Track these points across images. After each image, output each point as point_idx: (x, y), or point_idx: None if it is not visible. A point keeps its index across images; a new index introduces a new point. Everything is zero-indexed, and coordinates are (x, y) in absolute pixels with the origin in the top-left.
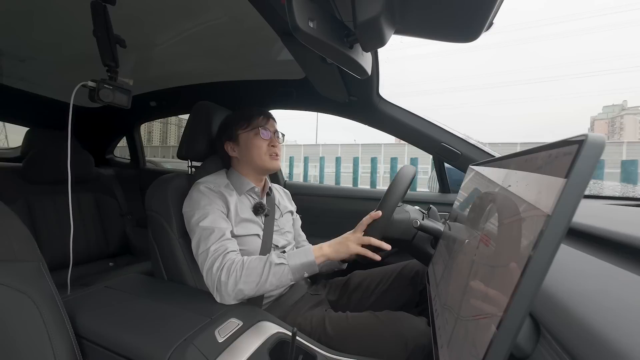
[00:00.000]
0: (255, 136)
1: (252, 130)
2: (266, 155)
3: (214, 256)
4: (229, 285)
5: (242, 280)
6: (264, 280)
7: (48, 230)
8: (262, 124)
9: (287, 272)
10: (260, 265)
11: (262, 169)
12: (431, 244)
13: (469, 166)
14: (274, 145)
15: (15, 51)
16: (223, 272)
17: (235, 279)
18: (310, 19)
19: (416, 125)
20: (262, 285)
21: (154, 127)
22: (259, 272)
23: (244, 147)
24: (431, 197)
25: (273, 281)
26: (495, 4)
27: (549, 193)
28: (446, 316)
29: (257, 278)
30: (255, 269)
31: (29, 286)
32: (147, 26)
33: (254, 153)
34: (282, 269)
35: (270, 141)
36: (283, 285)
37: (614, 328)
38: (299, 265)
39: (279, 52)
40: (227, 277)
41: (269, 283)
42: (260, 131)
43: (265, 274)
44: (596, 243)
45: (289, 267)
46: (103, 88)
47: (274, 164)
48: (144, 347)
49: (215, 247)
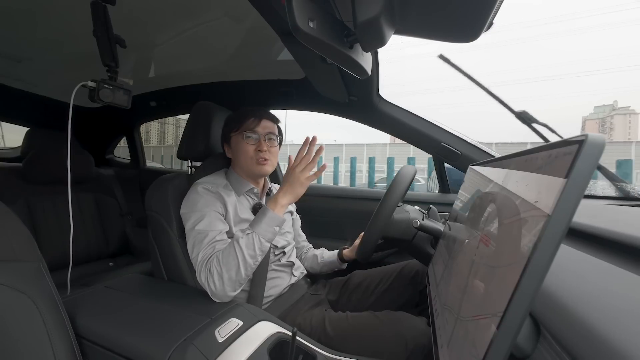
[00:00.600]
0: (242, 140)
1: (239, 134)
2: (252, 160)
3: (202, 264)
4: (217, 284)
5: (224, 270)
6: (241, 257)
7: (48, 230)
8: (252, 127)
9: (257, 237)
10: (231, 249)
11: (249, 173)
12: (431, 244)
13: (469, 166)
14: (261, 150)
15: (15, 51)
16: (209, 278)
17: (218, 273)
18: (310, 19)
19: (416, 125)
20: (245, 261)
21: (151, 127)
22: (234, 255)
23: (235, 150)
24: (431, 197)
25: (250, 253)
26: (495, 4)
27: (549, 193)
28: (446, 316)
29: (235, 260)
30: (229, 255)
31: (29, 286)
32: (147, 26)
33: (242, 158)
34: (251, 238)
35: (257, 145)
36: (263, 250)
37: (614, 328)
38: (263, 226)
39: (279, 52)
40: (212, 280)
41: (249, 255)
42: (245, 135)
43: (239, 252)
44: (596, 243)
45: (254, 233)
46: (103, 88)
47: (261, 169)
48: (144, 347)
49: (203, 254)
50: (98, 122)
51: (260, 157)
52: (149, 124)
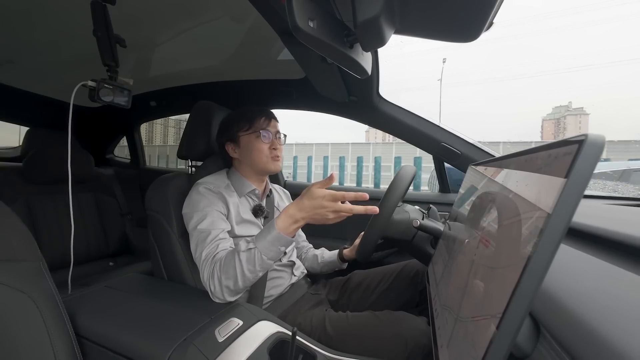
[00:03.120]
0: (257, 139)
1: (253, 133)
2: (268, 158)
3: (205, 262)
4: (216, 287)
5: (223, 278)
6: (240, 271)
7: (48, 230)
8: (264, 126)
9: (260, 255)
10: (232, 259)
11: (263, 171)
12: (431, 244)
13: (469, 166)
14: (275, 147)
15: (15, 51)
16: (211, 278)
17: (219, 280)
18: (310, 18)
19: (416, 125)
20: (243, 275)
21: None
22: (233, 265)
23: (245, 149)
24: (431, 197)
25: (250, 268)
26: (495, 4)
27: (549, 193)
28: (446, 316)
29: (234, 271)
30: (229, 264)
31: (29, 286)
32: (147, 26)
33: (255, 156)
34: (253, 254)
35: (271, 144)
36: (265, 268)
37: (613, 328)
38: (267, 244)
39: (279, 51)
40: (213, 281)
41: (248, 271)
42: (262, 134)
43: (238, 265)
44: (596, 243)
45: (257, 249)
46: (103, 88)
47: (276, 166)
48: (144, 347)
49: (206, 252)
50: (98, 121)
51: (275, 155)
52: (154, 124)
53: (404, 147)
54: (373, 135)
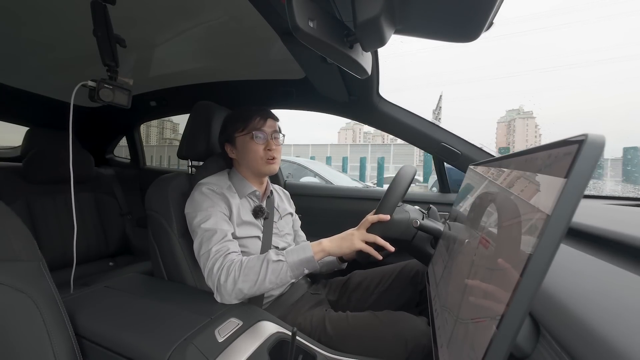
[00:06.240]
0: (251, 140)
1: (247, 134)
2: (262, 160)
3: (215, 257)
4: (228, 285)
5: (240, 280)
6: (262, 278)
7: (48, 230)
8: (259, 126)
9: (286, 269)
10: (258, 264)
11: (258, 173)
12: (431, 244)
13: (469, 166)
14: (270, 149)
15: (15, 50)
16: (223, 272)
17: (234, 279)
18: (310, 18)
19: (416, 125)
20: (262, 283)
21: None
22: (257, 271)
23: (241, 150)
24: (431, 197)
25: (272, 279)
26: (495, 3)
27: (548, 193)
28: (446, 316)
29: (255, 277)
30: (253, 268)
31: (29, 286)
32: (147, 26)
33: (250, 157)
34: (280, 266)
35: (266, 145)
36: (283, 283)
37: (613, 328)
38: (297, 262)
39: (279, 51)
40: (226, 277)
41: (268, 281)
42: (255, 135)
43: (263, 272)
44: (596, 243)
45: (287, 263)
46: (103, 88)
47: (270, 169)
48: (144, 347)
49: (216, 248)
50: (98, 121)
51: (269, 156)
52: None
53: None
54: (344, 136)
